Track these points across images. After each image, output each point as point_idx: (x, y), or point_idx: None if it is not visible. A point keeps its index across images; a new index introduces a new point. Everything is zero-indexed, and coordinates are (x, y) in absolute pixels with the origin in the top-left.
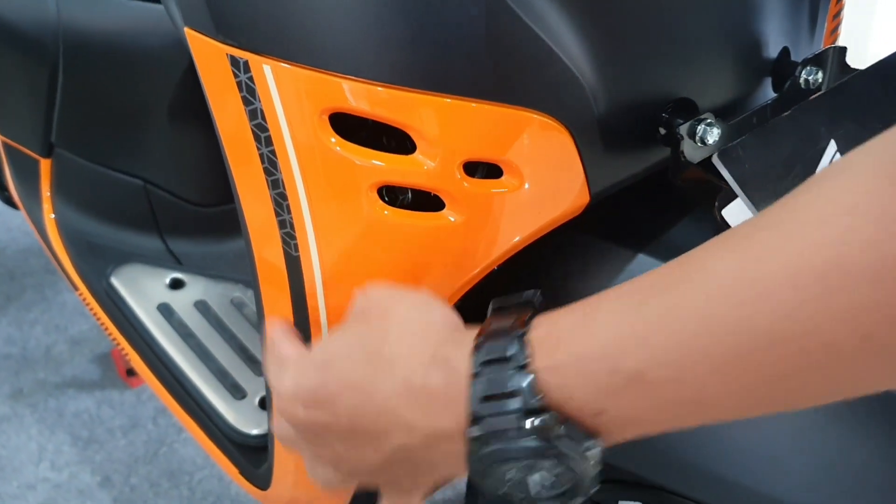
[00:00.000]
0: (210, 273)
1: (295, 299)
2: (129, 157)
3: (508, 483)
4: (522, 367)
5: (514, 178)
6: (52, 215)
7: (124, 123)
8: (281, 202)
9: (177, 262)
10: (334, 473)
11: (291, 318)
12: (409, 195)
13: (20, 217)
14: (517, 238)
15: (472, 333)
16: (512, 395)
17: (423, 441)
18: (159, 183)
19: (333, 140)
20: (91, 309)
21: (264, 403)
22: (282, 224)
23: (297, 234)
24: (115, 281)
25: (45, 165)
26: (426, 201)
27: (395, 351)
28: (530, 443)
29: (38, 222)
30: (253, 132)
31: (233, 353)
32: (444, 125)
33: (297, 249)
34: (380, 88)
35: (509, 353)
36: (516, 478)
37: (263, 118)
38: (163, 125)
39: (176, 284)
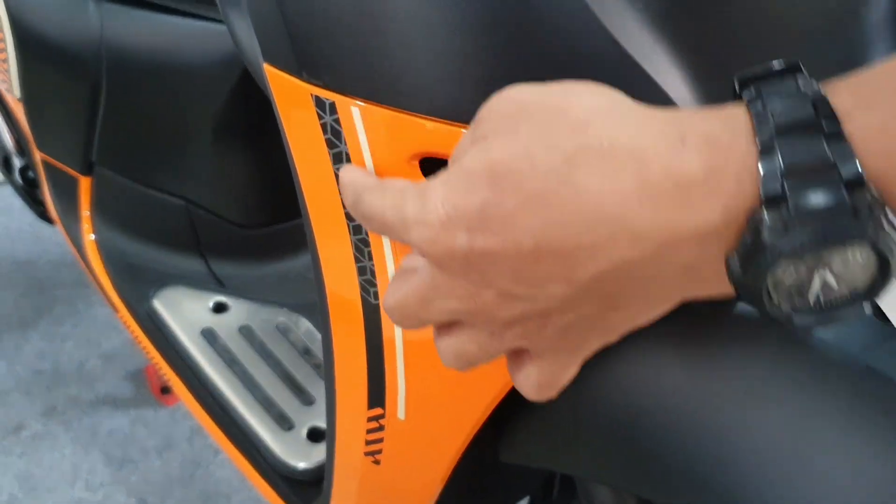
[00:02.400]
0: (254, 297)
1: (371, 348)
2: (172, 176)
3: (781, 291)
4: (834, 135)
5: None
6: (92, 236)
7: (167, 142)
8: (362, 248)
9: (219, 284)
10: (482, 337)
11: (364, 366)
12: None
13: (51, 227)
14: None
15: (730, 108)
16: (824, 167)
17: (655, 251)
18: (202, 203)
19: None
20: (132, 332)
21: (314, 435)
22: (361, 271)
23: (379, 283)
24: (157, 304)
25: (84, 184)
26: None
27: (610, 140)
28: (851, 225)
29: (77, 242)
30: (337, 177)
31: (279, 381)
32: None
33: (376, 297)
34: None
35: (806, 117)
36: (795, 281)
37: (349, 161)
38: (206, 144)
39: (219, 308)
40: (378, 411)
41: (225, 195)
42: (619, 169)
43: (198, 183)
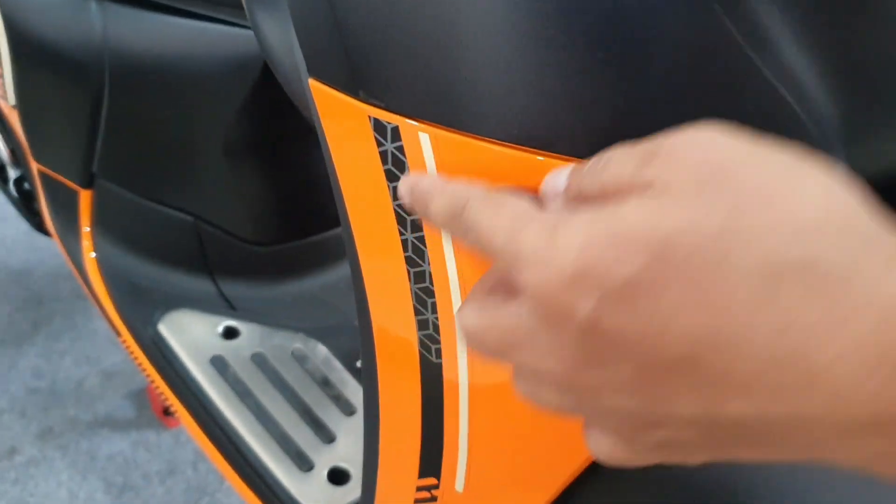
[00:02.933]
0: (266, 320)
1: (428, 408)
2: (179, 190)
3: None
4: None
5: None
6: (93, 253)
7: (174, 154)
8: (424, 299)
9: (230, 306)
10: (569, 403)
11: (419, 427)
12: None
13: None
14: None
15: None
16: None
17: (851, 424)
18: (211, 219)
19: None
20: (136, 359)
21: (335, 477)
22: (422, 325)
23: (443, 340)
24: (162, 329)
25: (84, 197)
26: None
27: (842, 274)
28: None
29: (77, 259)
30: (396, 213)
31: (296, 415)
32: None
33: (439, 356)
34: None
35: None
36: None
37: None
38: (217, 156)
39: (230, 334)
40: (431, 481)
41: (236, 211)
42: (847, 316)
43: (207, 198)
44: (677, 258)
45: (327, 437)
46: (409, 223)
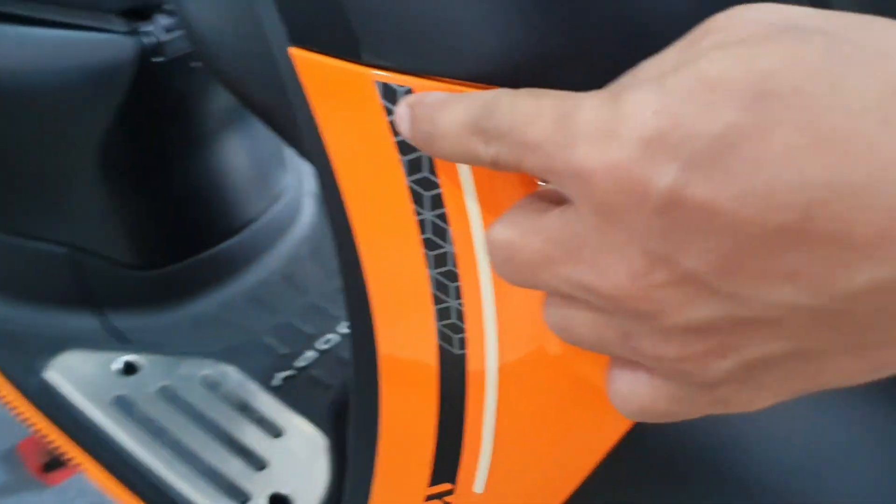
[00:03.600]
0: (167, 350)
1: (446, 412)
2: (46, 220)
3: None
4: None
5: None
6: None
7: (36, 180)
8: (446, 285)
9: (123, 340)
10: (616, 332)
11: (433, 436)
12: None
13: None
14: None
15: None
16: None
17: None
18: (88, 247)
19: (542, 185)
20: (21, 414)
21: (277, 503)
22: (443, 314)
23: (468, 327)
24: (50, 375)
25: None
26: None
27: None
28: None
29: None
30: (412, 191)
31: (220, 446)
32: None
33: (462, 346)
34: None
35: None
36: None
37: (432, 170)
38: (87, 178)
39: (129, 369)
40: (444, 487)
41: (115, 235)
42: None
43: (80, 224)
44: (780, 95)
45: (258, 464)
46: (429, 200)
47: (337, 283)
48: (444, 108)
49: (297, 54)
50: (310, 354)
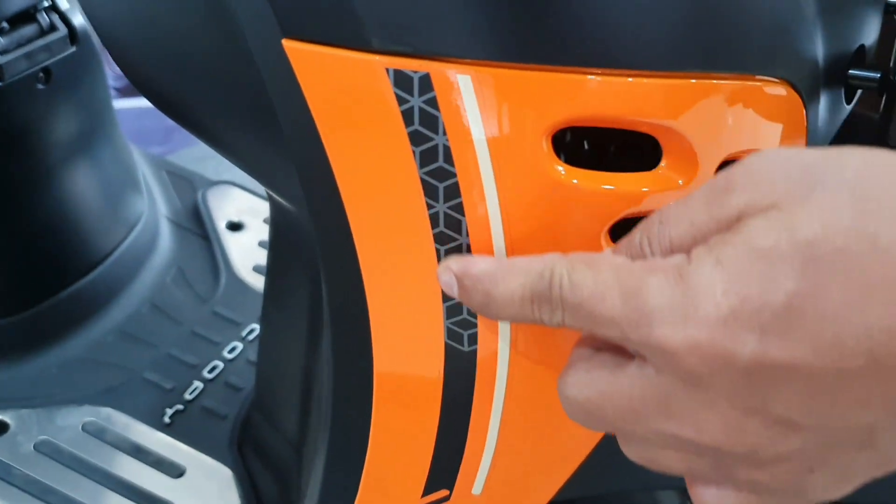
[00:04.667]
0: (37, 402)
1: (447, 418)
2: None
3: None
4: None
5: None
6: None
7: None
8: None
9: None
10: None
11: (431, 445)
12: None
13: None
14: None
15: None
16: None
17: None
18: None
19: (562, 170)
20: None
21: None
22: (452, 311)
23: (481, 320)
24: None
25: None
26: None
27: None
28: None
29: None
30: (424, 183)
31: (120, 497)
32: (708, 116)
33: (473, 342)
34: (645, 80)
35: None
36: None
37: (449, 159)
38: None
39: None
40: (441, 494)
41: None
42: None
43: None
44: (828, 257)
45: None
46: (442, 191)
47: (211, 307)
48: (499, 283)
49: (292, 47)
50: (197, 385)
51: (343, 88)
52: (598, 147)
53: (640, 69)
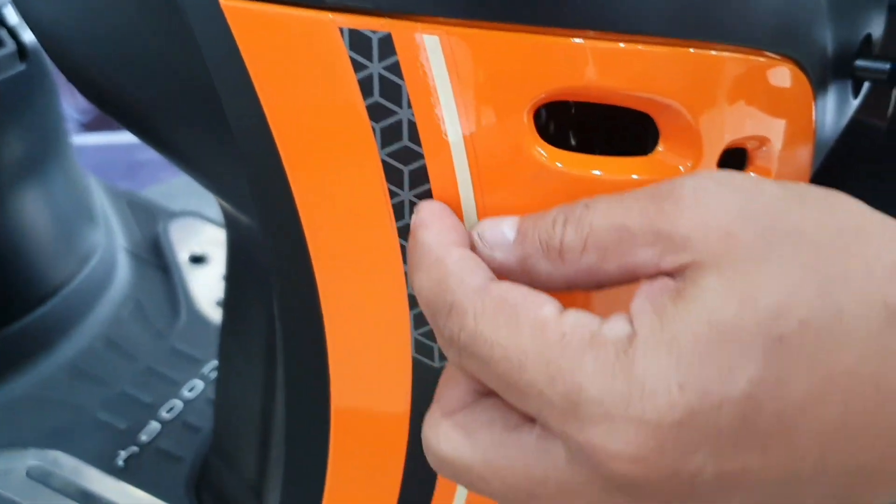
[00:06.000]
0: None
1: (416, 451)
2: None
3: None
4: None
5: (763, 168)
6: None
7: None
8: None
9: None
10: None
11: (398, 482)
12: None
13: None
14: None
15: None
16: None
17: None
18: None
19: (544, 152)
20: None
21: None
22: (422, 318)
23: None
24: None
25: None
26: None
27: None
28: None
29: None
30: (386, 166)
31: None
32: (710, 92)
33: (444, 356)
34: (641, 47)
35: None
36: None
37: (415, 137)
38: None
39: None
40: None
41: None
42: None
43: None
44: (792, 338)
45: None
46: (408, 176)
47: (170, 342)
48: (420, 264)
49: (230, 5)
50: (153, 426)
51: (289, 54)
52: (586, 129)
53: (635, 34)
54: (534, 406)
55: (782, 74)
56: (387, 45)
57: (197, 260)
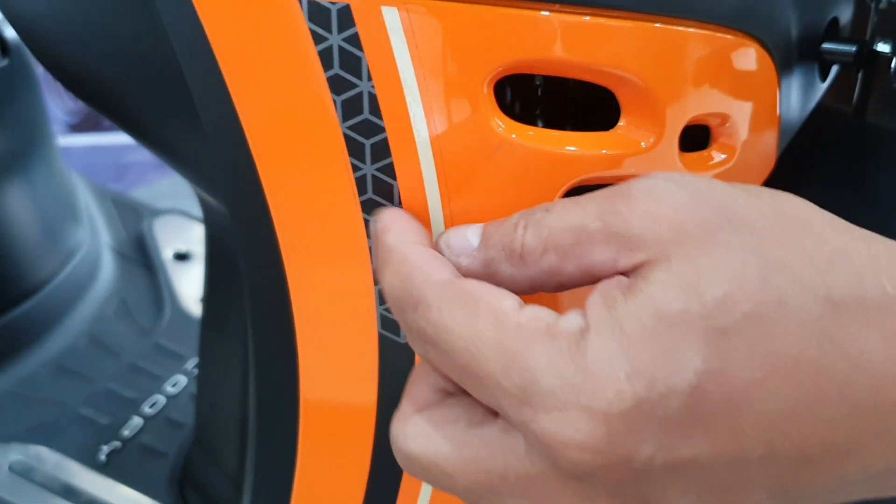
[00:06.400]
0: None
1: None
2: None
3: None
4: None
5: (727, 145)
6: None
7: None
8: None
9: None
10: None
11: (365, 472)
12: None
13: None
14: None
15: None
16: None
17: None
18: None
19: (502, 125)
20: None
21: None
22: None
23: None
24: None
25: None
26: None
27: (876, 275)
28: None
29: None
30: (348, 139)
31: None
32: (673, 67)
33: None
34: (604, 20)
35: None
36: None
37: (376, 110)
38: None
39: None
40: None
41: None
42: None
43: None
44: (736, 326)
45: None
46: (370, 149)
47: (153, 339)
48: (377, 260)
49: None
50: (136, 421)
51: (249, 26)
52: (549, 106)
53: (599, 7)
54: (493, 397)
55: (746, 54)
56: (345, 16)
57: (181, 257)
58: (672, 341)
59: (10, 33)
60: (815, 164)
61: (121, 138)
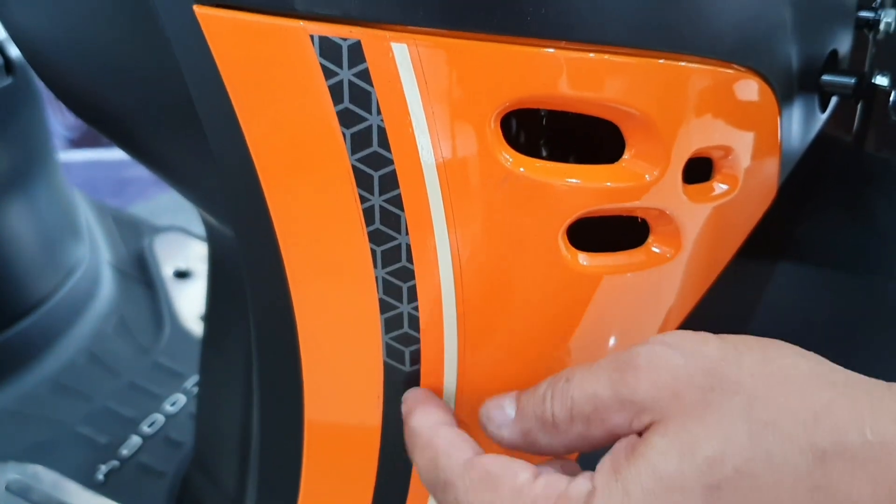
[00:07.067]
0: None
1: (388, 453)
2: None
3: None
4: None
5: (729, 176)
6: None
7: None
8: (398, 286)
9: None
10: None
11: (370, 487)
12: None
13: None
14: (724, 264)
15: None
16: None
17: None
18: None
19: (509, 158)
20: None
21: None
22: (392, 324)
23: (424, 335)
24: None
25: None
26: (594, 235)
27: (860, 428)
28: None
29: None
30: (356, 171)
31: None
32: (676, 101)
33: (416, 360)
34: (608, 57)
35: None
36: None
37: (385, 143)
38: None
39: None
40: None
41: None
42: (884, 473)
43: None
44: (728, 483)
45: None
46: (378, 181)
47: (153, 357)
48: (416, 447)
49: (205, 14)
50: (135, 440)
51: (261, 61)
52: (554, 138)
53: (604, 44)
54: None
55: (748, 87)
56: (356, 52)
57: (181, 275)
58: (670, 500)
59: (15, 52)
60: (815, 194)
61: (120, 154)
